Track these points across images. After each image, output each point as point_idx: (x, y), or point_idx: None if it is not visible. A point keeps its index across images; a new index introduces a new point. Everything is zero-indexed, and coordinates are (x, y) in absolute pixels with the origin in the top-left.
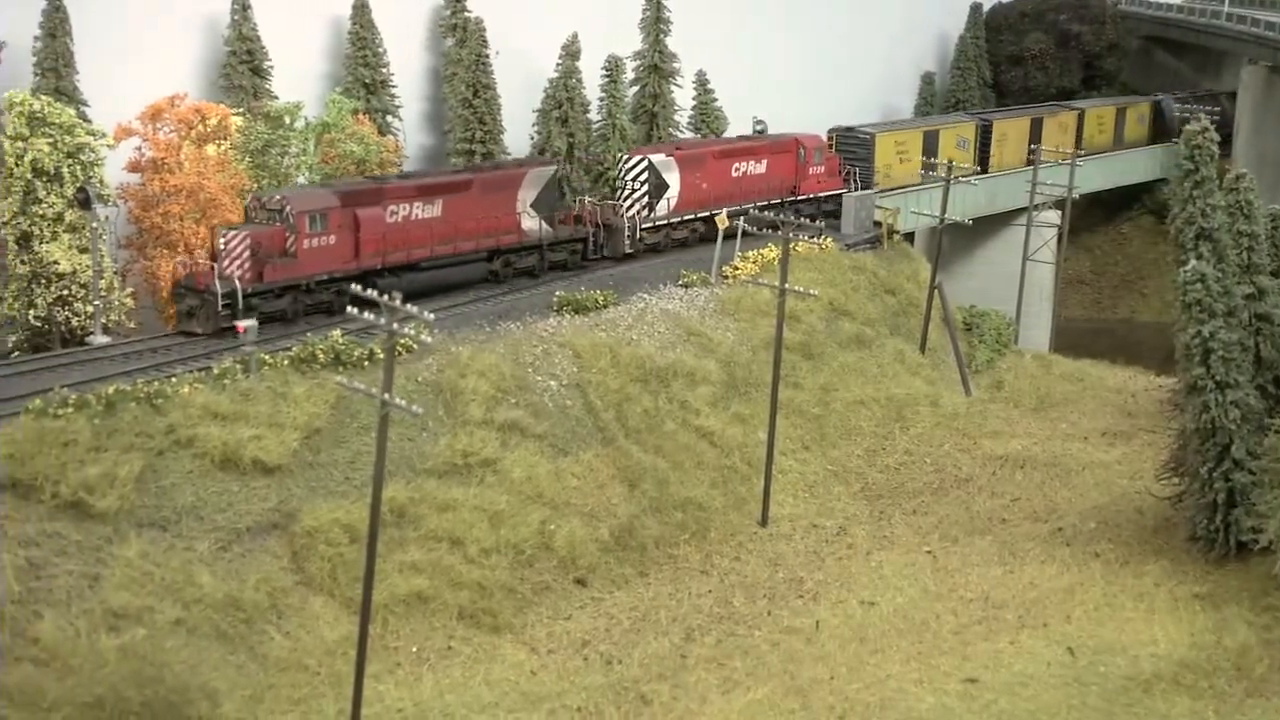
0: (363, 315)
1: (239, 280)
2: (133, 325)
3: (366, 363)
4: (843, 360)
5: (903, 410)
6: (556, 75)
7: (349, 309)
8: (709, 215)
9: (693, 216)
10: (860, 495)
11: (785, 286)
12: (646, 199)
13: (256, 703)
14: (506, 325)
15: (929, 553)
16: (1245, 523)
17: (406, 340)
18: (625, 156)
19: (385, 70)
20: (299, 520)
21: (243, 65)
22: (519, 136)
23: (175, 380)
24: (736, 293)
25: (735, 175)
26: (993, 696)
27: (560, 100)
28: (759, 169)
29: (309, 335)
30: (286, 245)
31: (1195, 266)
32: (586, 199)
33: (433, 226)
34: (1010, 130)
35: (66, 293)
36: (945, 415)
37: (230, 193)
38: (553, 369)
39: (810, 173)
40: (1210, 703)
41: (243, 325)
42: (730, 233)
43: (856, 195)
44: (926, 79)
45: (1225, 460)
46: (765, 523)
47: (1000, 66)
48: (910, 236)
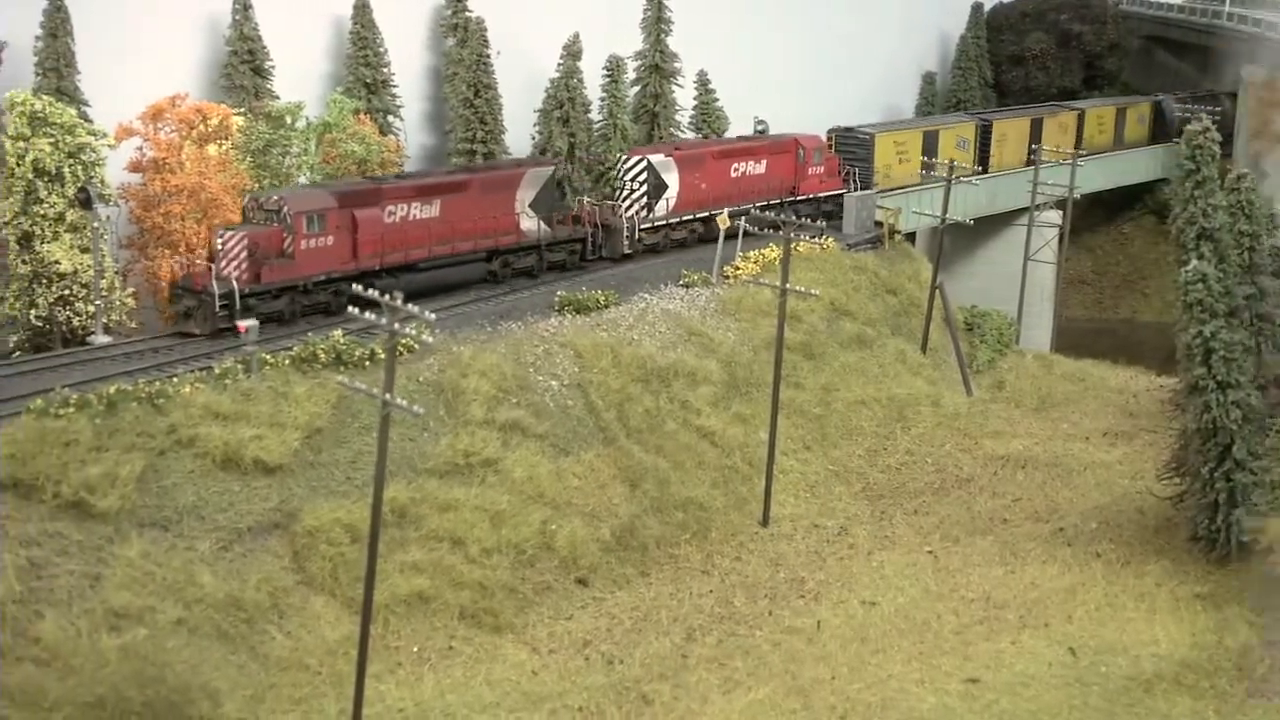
0: (364, 315)
1: (236, 281)
2: (134, 325)
3: (368, 362)
4: (844, 360)
5: (904, 410)
6: (558, 75)
7: (350, 309)
8: (708, 216)
9: (691, 217)
10: (861, 495)
11: (786, 286)
12: (645, 199)
13: (258, 702)
14: (508, 325)
15: (930, 553)
16: (1246, 523)
17: (408, 340)
18: (624, 157)
19: (386, 70)
20: (300, 520)
21: (244, 65)
22: (520, 136)
23: (176, 380)
24: (738, 293)
25: (734, 175)
26: (994, 696)
27: (561, 100)
28: (758, 169)
29: (310, 335)
30: (284, 246)
31: (1196, 266)
32: (585, 199)
33: (431, 227)
34: (1010, 130)
35: (68, 293)
36: (946, 415)
37: (231, 193)
38: (554, 369)
39: (809, 173)
40: (1211, 703)
41: (244, 325)
42: (731, 233)
43: (858, 195)
44: (928, 79)
45: (1226, 460)
46: (766, 523)
47: (1001, 66)
48: (911, 236)
